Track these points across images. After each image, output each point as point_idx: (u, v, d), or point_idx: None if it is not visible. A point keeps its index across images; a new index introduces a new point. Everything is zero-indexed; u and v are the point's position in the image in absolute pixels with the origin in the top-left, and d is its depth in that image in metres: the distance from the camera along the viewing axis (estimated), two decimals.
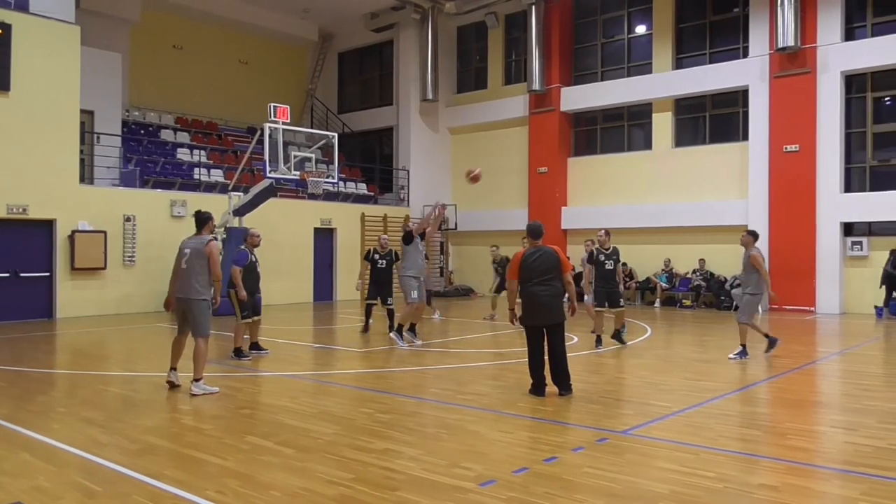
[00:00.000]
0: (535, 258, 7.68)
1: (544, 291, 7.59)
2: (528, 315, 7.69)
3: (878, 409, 7.16)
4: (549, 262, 7.66)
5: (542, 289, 7.59)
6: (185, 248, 7.91)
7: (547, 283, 7.60)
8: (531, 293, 7.63)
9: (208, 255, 7.75)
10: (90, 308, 16.49)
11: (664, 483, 4.85)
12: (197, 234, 8.05)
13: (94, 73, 18.08)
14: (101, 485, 4.86)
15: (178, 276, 7.88)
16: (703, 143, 20.17)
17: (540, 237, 7.86)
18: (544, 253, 7.72)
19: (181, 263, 7.85)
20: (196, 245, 7.85)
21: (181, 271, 7.86)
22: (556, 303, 7.66)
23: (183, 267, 7.85)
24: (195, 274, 7.75)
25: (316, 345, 11.98)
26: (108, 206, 16.91)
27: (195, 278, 7.75)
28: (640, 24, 21.54)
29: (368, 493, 4.64)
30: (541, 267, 7.63)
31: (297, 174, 15.98)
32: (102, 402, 7.56)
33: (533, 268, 7.64)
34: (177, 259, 7.97)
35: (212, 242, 7.82)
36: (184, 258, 7.90)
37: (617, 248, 11.67)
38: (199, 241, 7.88)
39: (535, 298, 7.61)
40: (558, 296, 7.67)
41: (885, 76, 17.42)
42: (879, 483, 4.85)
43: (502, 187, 23.76)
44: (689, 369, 9.58)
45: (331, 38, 27.14)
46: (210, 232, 7.99)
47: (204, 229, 7.97)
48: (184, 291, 7.83)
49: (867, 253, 17.32)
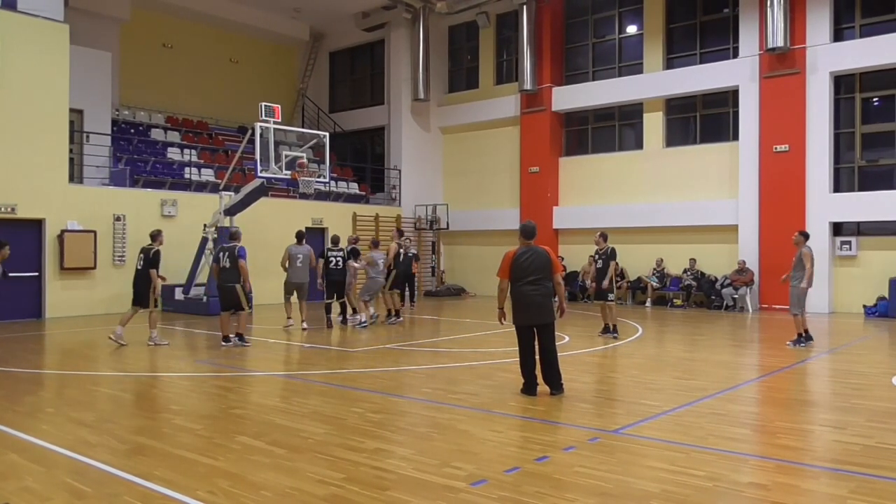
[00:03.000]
0: (527, 258, 7.68)
1: (535, 291, 7.60)
2: (519, 315, 7.72)
3: (867, 407, 7.20)
4: (540, 262, 7.66)
5: (532, 289, 7.60)
6: (297, 253, 13.30)
7: (538, 283, 7.61)
8: (522, 293, 7.64)
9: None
10: (80, 308, 16.41)
11: (655, 482, 4.87)
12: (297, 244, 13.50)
13: (84, 71, 18.01)
14: (91, 485, 4.84)
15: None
16: (694, 143, 20.25)
17: (533, 237, 7.85)
18: (535, 253, 7.72)
19: (297, 262, 13.45)
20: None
21: (299, 268, 13.55)
22: (547, 303, 7.67)
23: (298, 265, 13.52)
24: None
25: (307, 344, 11.95)
26: (97, 205, 16.83)
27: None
28: (630, 25, 21.60)
29: (359, 492, 4.64)
30: (532, 267, 7.63)
31: (288, 174, 15.95)
32: (92, 402, 7.52)
33: (524, 267, 7.64)
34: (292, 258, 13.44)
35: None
36: (297, 259, 13.51)
37: (612, 248, 12.57)
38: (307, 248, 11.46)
39: (525, 298, 7.62)
40: (548, 296, 7.69)
41: (873, 77, 17.53)
42: (868, 481, 4.88)
43: (494, 187, 23.79)
44: (679, 368, 9.62)
45: (322, 38, 27.09)
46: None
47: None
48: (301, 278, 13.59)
49: (856, 253, 17.42)
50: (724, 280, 18.64)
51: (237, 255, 11.36)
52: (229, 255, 11.39)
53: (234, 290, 11.35)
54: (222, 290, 11.50)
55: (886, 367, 9.66)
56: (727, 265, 18.86)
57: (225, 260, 11.42)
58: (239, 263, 11.30)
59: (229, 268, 11.38)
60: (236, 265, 11.33)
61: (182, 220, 18.08)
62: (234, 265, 11.34)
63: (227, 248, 11.54)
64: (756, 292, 18.24)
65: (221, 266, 11.47)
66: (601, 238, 12.67)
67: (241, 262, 11.31)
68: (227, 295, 11.42)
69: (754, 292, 18.19)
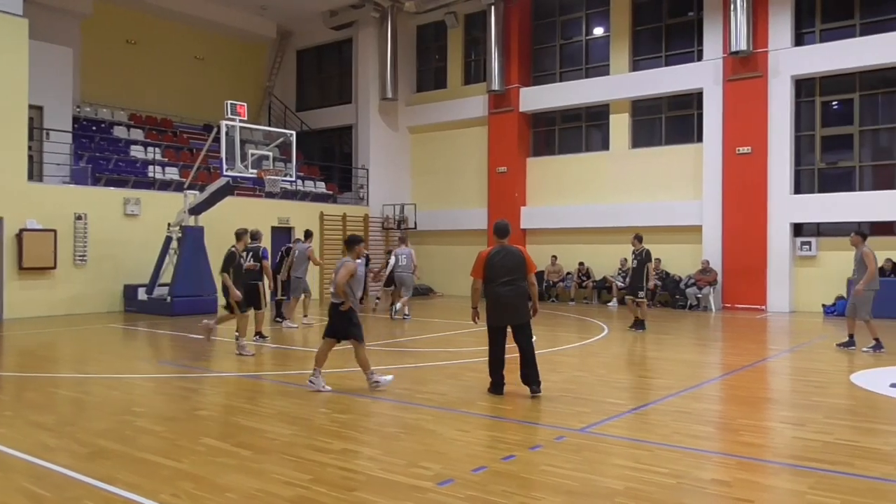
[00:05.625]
0: (500, 257, 7.61)
1: (509, 292, 7.53)
2: (492, 315, 7.64)
3: (825, 404, 7.36)
4: (513, 262, 7.59)
5: (507, 289, 7.53)
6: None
7: (512, 284, 7.54)
8: (495, 293, 7.57)
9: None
10: (39, 308, 16.05)
11: (620, 479, 4.92)
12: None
13: (44, 67, 17.64)
14: (50, 490, 4.74)
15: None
16: (660, 145, 20.50)
17: (506, 236, 7.77)
18: (509, 252, 7.65)
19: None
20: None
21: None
22: (521, 303, 7.61)
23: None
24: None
25: (273, 345, 11.85)
26: (58, 204, 16.48)
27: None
28: (597, 26, 21.79)
29: (326, 493, 4.61)
30: (505, 267, 7.56)
31: (254, 172, 15.80)
32: (52, 405, 7.37)
33: (497, 267, 7.57)
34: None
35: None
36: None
37: (647, 250, 13.41)
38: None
39: (499, 298, 7.56)
40: (523, 296, 7.62)
41: (832, 81, 17.92)
42: (826, 477, 4.99)
43: (462, 187, 23.83)
44: (644, 367, 9.73)
45: (289, 36, 26.87)
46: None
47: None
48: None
49: (815, 253, 17.80)
50: (688, 280, 18.91)
51: (261, 255, 11.66)
52: (253, 255, 11.61)
53: (256, 288, 11.60)
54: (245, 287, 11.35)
55: (845, 365, 9.89)
56: (691, 265, 19.14)
57: (248, 260, 11.53)
58: (263, 264, 11.64)
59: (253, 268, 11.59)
60: (260, 265, 11.65)
61: (146, 219, 17.80)
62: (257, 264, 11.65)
63: (252, 248, 11.65)
64: (719, 292, 18.54)
65: (246, 267, 11.43)
66: (636, 240, 13.50)
67: (265, 262, 11.68)
68: (249, 292, 11.40)
69: (717, 292, 18.49)
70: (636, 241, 13.56)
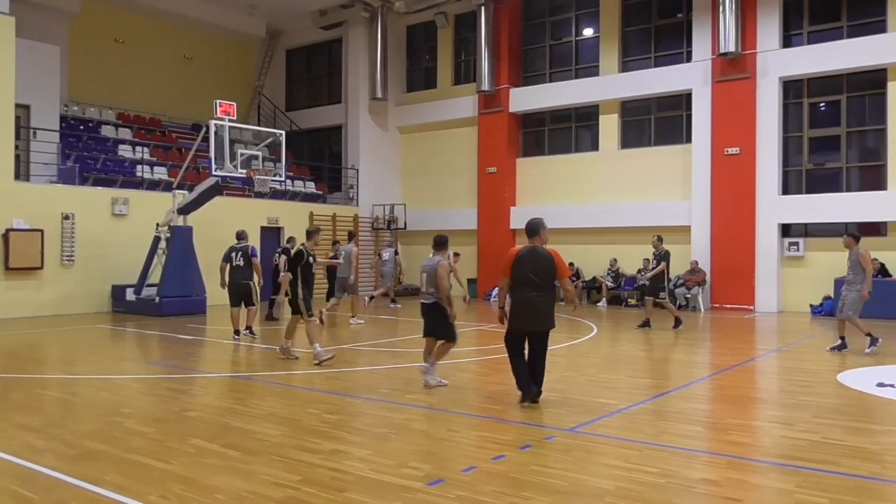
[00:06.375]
0: (530, 259, 7.09)
1: (536, 297, 7.04)
2: (515, 317, 7.14)
3: (813, 404, 7.41)
4: (542, 267, 7.07)
5: (533, 294, 7.03)
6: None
7: (540, 289, 7.03)
8: (522, 297, 7.08)
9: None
10: (26, 309, 15.93)
11: (609, 479, 4.93)
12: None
13: (31, 66, 17.52)
14: (37, 492, 4.71)
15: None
16: (649, 146, 20.56)
17: (535, 235, 7.23)
18: (539, 257, 7.10)
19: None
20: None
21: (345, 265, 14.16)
22: (547, 309, 7.12)
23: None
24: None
25: (263, 346, 11.81)
26: (45, 203, 16.37)
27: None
28: (587, 27, 21.83)
29: (315, 494, 4.60)
30: (532, 271, 7.03)
31: (243, 172, 15.74)
32: (39, 406, 7.32)
33: (525, 269, 7.05)
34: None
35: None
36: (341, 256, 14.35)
37: (667, 250, 13.85)
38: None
39: (525, 303, 7.06)
40: (550, 302, 7.14)
41: (820, 82, 18.04)
42: (813, 475, 5.02)
43: (452, 187, 23.83)
44: (633, 367, 9.77)
45: (278, 35, 26.79)
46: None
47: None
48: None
49: (803, 253, 17.91)
50: (677, 280, 18.97)
51: (250, 254, 12.15)
52: (242, 254, 12.14)
53: (248, 287, 12.15)
54: (235, 286, 12.16)
55: (832, 364, 9.95)
56: (680, 265, 19.18)
57: (238, 259, 12.14)
58: (253, 262, 12.13)
59: (243, 266, 12.12)
60: (250, 263, 12.13)
61: (134, 219, 17.69)
62: (247, 263, 12.14)
63: (239, 247, 12.21)
64: (708, 292, 18.62)
65: (234, 265, 12.15)
66: (657, 240, 13.84)
67: (254, 260, 12.18)
68: (240, 291, 12.13)
69: (706, 292, 18.57)
70: (657, 241, 13.85)
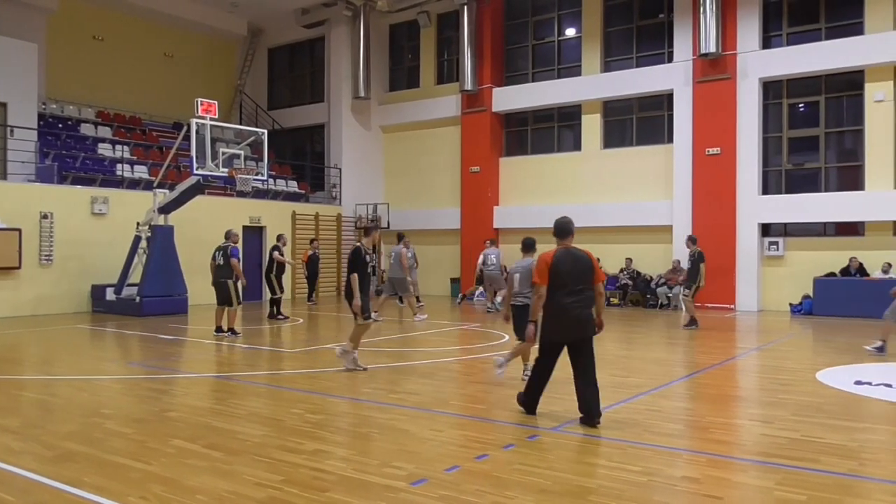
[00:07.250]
0: (568, 262, 6.48)
1: (577, 303, 6.40)
2: (554, 329, 6.48)
3: (792, 402, 7.48)
4: (581, 269, 6.49)
5: (574, 300, 6.39)
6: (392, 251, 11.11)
7: (579, 294, 6.42)
8: (561, 305, 6.40)
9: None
10: (3, 309, 15.73)
11: (592, 478, 4.96)
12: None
13: (7, 63, 17.34)
14: (15, 494, 4.64)
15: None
16: (631, 145, 20.68)
17: (566, 236, 6.64)
18: (577, 258, 6.53)
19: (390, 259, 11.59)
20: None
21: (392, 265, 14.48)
22: (589, 315, 6.51)
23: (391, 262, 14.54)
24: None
25: (245, 345, 11.74)
26: (22, 202, 16.16)
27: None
28: (569, 27, 21.91)
29: (298, 494, 4.58)
30: (572, 274, 6.44)
31: (225, 171, 15.64)
32: (16, 407, 7.22)
33: (563, 274, 6.42)
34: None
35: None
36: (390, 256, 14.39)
37: (700, 251, 13.90)
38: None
39: (566, 311, 6.39)
40: (590, 307, 6.53)
41: (799, 83, 18.23)
42: (793, 473, 5.07)
43: (435, 186, 23.83)
44: (616, 366, 9.80)
45: (260, 33, 26.64)
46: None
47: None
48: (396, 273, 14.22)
49: (783, 253, 18.09)
50: (658, 279, 19.11)
51: (230, 253, 12.12)
52: (223, 254, 12.15)
53: (225, 286, 12.09)
54: (214, 285, 12.24)
55: (811, 363, 10.06)
56: (662, 265, 19.34)
57: (220, 258, 12.17)
58: (232, 262, 12.08)
59: (223, 265, 12.17)
60: (229, 263, 12.12)
61: (114, 218, 17.52)
62: (227, 263, 12.13)
63: (223, 247, 12.23)
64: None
65: (217, 264, 12.22)
66: (690, 241, 14.10)
67: (233, 260, 12.10)
68: (219, 290, 12.17)
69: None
70: (690, 242, 14.11)
